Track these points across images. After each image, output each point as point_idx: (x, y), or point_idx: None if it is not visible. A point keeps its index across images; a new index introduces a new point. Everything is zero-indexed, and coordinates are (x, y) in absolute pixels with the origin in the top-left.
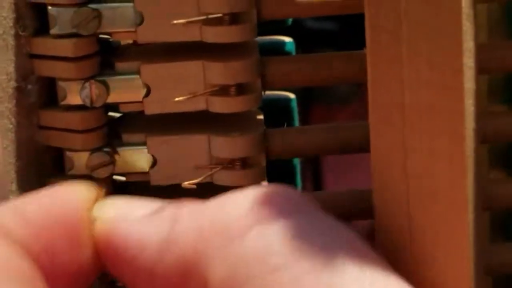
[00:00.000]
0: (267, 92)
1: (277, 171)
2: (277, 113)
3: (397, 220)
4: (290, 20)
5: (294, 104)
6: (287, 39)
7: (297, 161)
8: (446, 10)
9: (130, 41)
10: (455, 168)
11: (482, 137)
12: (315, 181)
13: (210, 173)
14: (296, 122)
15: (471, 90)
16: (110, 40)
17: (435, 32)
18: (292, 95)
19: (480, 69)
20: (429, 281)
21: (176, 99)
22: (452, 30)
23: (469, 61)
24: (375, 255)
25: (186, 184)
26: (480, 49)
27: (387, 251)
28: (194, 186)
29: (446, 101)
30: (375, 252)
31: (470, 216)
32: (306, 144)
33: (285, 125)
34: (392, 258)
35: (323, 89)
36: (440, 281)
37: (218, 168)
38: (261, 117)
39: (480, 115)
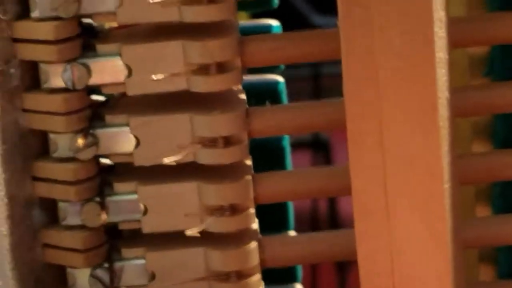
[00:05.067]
0: (257, 77)
1: (266, 153)
2: (265, 96)
3: (373, 189)
4: (276, 2)
5: (282, 87)
6: (274, 23)
7: (286, 143)
8: None
9: (114, 25)
10: (429, 136)
11: (463, 111)
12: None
13: (191, 150)
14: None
15: (443, 59)
16: (93, 24)
17: (405, 1)
18: (281, 79)
19: (460, 42)
20: (407, 250)
21: (154, 77)
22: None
23: (440, 31)
24: None
25: (167, 161)
26: (459, 22)
27: (364, 222)
28: (174, 164)
29: (418, 71)
30: None
31: (446, 185)
32: (289, 122)
33: (268, 104)
34: (370, 228)
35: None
36: (417, 251)
37: (199, 146)
38: (243, 96)
39: (461, 88)
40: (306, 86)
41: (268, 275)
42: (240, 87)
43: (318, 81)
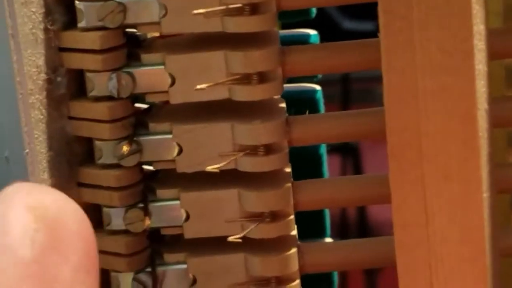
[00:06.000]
0: (294, 85)
1: (304, 161)
2: (303, 104)
3: (413, 201)
4: (314, 12)
5: (320, 96)
6: (312, 32)
7: (323, 150)
8: None
9: (156, 34)
10: (468, 148)
11: (499, 121)
12: (355, 173)
13: (232, 158)
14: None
15: (482, 71)
16: (137, 33)
17: (445, 16)
18: (318, 87)
19: (496, 54)
20: (445, 260)
21: (198, 86)
22: (462, 14)
23: (479, 44)
24: None
25: (209, 168)
26: (495, 35)
27: (404, 233)
28: (218, 171)
29: (457, 83)
30: None
31: (484, 196)
32: (328, 131)
33: (307, 113)
34: (410, 239)
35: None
36: (455, 260)
37: (240, 154)
38: (283, 105)
39: (498, 99)
40: (335, 90)
41: (307, 281)
42: (279, 96)
43: (347, 85)
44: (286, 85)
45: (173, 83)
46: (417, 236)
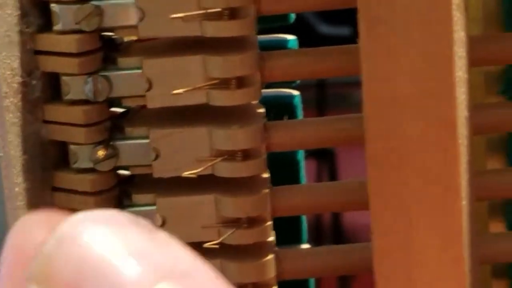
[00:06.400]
0: (272, 90)
1: (281, 166)
2: (281, 109)
3: (393, 208)
4: (293, 17)
5: (298, 101)
6: (290, 37)
7: (301, 156)
8: (437, 0)
9: (134, 38)
10: (448, 155)
11: (479, 128)
12: (331, 178)
13: (210, 163)
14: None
15: (462, 78)
16: (114, 37)
17: (426, 22)
18: (296, 92)
19: (476, 61)
20: (424, 267)
21: (175, 91)
22: (443, 20)
23: (460, 51)
24: None
25: (186, 173)
26: (475, 41)
27: (383, 240)
28: (195, 176)
29: (438, 90)
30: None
31: (464, 202)
32: (306, 137)
33: (286, 119)
34: (389, 246)
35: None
36: (435, 267)
37: (218, 160)
38: (261, 110)
39: (477, 106)
40: (311, 95)
41: (283, 287)
42: (258, 101)
43: (323, 90)
44: (264, 90)
45: (150, 87)
46: (396, 243)
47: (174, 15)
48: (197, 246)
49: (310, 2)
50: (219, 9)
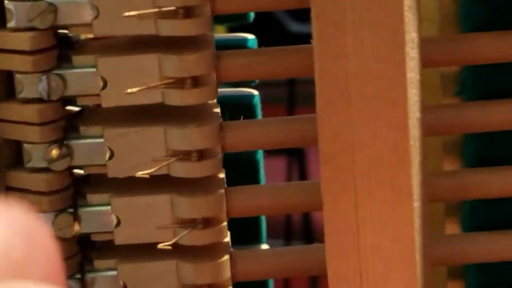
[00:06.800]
0: (232, 90)
1: (240, 167)
2: (240, 109)
3: (344, 208)
4: (252, 16)
5: (257, 101)
6: (250, 36)
7: (260, 156)
8: (389, 1)
9: (90, 36)
10: (399, 156)
11: (434, 129)
12: (301, 176)
13: (165, 163)
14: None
15: (414, 80)
16: (69, 35)
17: (378, 23)
18: (255, 92)
19: (433, 62)
20: (376, 267)
21: (129, 90)
22: (394, 21)
23: (411, 52)
24: None
25: (140, 174)
26: (432, 42)
27: (335, 240)
28: (148, 176)
29: (389, 91)
30: None
31: (416, 204)
32: (263, 137)
33: (242, 118)
34: (341, 247)
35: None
36: (386, 269)
37: (173, 159)
38: (217, 110)
39: (432, 107)
40: (281, 91)
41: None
42: (215, 101)
43: (293, 87)
44: (223, 89)
45: (105, 86)
46: (348, 244)
47: (128, 13)
48: (152, 247)
49: (265, 1)
50: (173, 8)
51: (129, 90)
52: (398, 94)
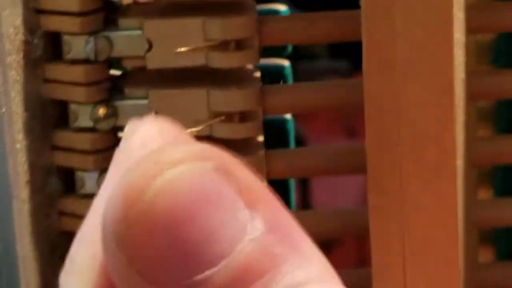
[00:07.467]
0: (263, 60)
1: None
2: (272, 79)
3: (388, 167)
4: None
5: (288, 72)
6: (282, 7)
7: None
8: None
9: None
10: (445, 115)
11: (469, 95)
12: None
13: (208, 123)
14: None
15: (460, 41)
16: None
17: None
18: (286, 63)
19: (470, 29)
20: (418, 227)
21: (178, 50)
22: None
23: (458, 13)
24: None
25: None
26: (470, 8)
27: (379, 199)
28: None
29: (437, 51)
30: None
31: (458, 163)
32: (303, 101)
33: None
34: (384, 205)
35: None
36: (429, 228)
37: (216, 120)
38: (258, 74)
39: (468, 73)
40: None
41: None
42: (254, 66)
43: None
44: None
45: (150, 48)
46: (390, 203)
47: None
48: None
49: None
50: None
51: (177, 50)
52: (445, 53)
